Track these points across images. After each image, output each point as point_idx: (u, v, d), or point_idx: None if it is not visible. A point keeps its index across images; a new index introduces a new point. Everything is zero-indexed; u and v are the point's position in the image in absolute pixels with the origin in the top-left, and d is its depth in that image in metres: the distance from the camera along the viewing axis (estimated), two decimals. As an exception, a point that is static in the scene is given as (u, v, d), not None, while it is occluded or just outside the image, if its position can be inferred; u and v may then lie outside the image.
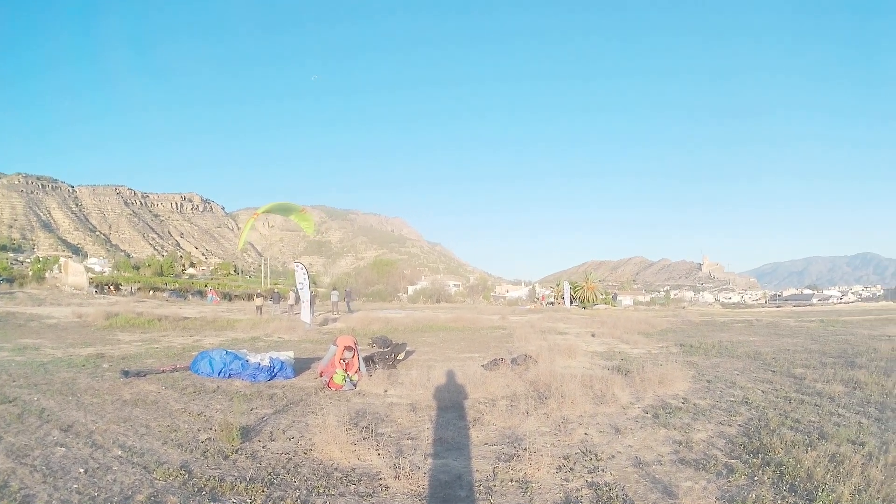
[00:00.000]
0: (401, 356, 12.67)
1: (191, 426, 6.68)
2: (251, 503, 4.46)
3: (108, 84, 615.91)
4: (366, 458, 5.50)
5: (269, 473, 5.10)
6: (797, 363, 12.12)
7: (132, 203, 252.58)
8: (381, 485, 4.87)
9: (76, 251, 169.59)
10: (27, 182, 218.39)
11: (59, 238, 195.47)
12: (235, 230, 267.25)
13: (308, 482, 4.91)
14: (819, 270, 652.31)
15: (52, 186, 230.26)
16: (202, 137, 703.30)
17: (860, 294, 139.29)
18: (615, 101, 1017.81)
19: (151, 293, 53.96)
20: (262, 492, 4.64)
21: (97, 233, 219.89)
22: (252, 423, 6.84)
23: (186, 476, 4.93)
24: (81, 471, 4.96)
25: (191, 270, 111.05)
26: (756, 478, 5.00)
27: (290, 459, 5.53)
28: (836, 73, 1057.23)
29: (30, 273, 50.50)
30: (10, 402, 7.59)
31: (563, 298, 58.68)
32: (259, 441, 6.15)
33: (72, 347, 13.96)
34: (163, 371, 10.34)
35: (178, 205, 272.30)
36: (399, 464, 5.24)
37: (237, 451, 5.71)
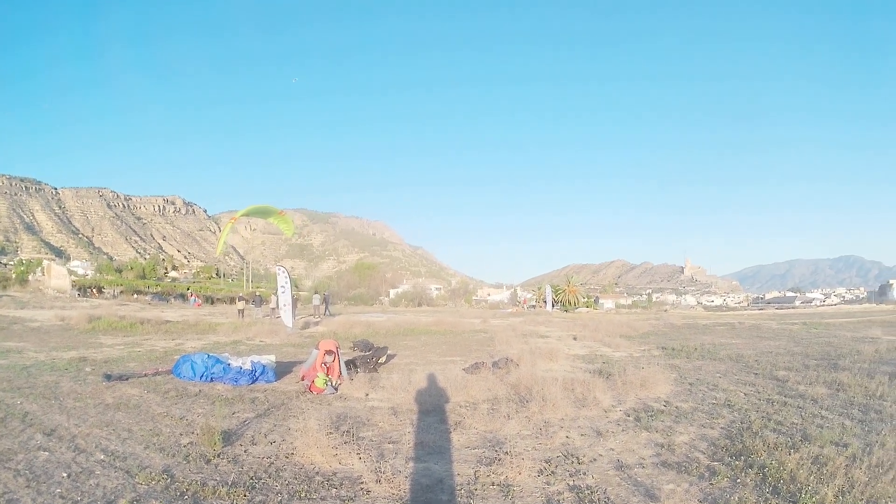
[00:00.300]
0: (382, 360, 12.59)
1: (173, 430, 6.63)
2: (233, 508, 4.41)
3: (92, 86, 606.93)
4: (347, 462, 5.47)
5: (251, 478, 5.07)
6: (780, 366, 12.19)
7: (115, 206, 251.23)
8: (363, 489, 4.84)
9: (59, 254, 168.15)
10: (10, 184, 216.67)
11: (43, 240, 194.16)
12: (217, 233, 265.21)
13: (290, 486, 4.89)
14: (802, 273, 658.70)
15: (36, 188, 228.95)
16: (185, 140, 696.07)
17: (843, 296, 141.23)
18: (596, 105, 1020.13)
19: (134, 296, 53.89)
20: (244, 496, 4.62)
21: (80, 235, 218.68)
22: (234, 427, 6.80)
23: (169, 480, 4.90)
24: (64, 475, 4.93)
25: (173, 273, 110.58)
26: (739, 480, 4.99)
27: (272, 464, 5.49)
28: (818, 76, 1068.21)
29: (13, 276, 50.32)
30: (-7, 406, 7.47)
31: (545, 302, 58.90)
32: (241, 445, 6.11)
33: (55, 351, 13.83)
34: (145, 375, 10.27)
35: (161, 207, 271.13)
36: (380, 468, 5.20)
37: (219, 456, 5.67)
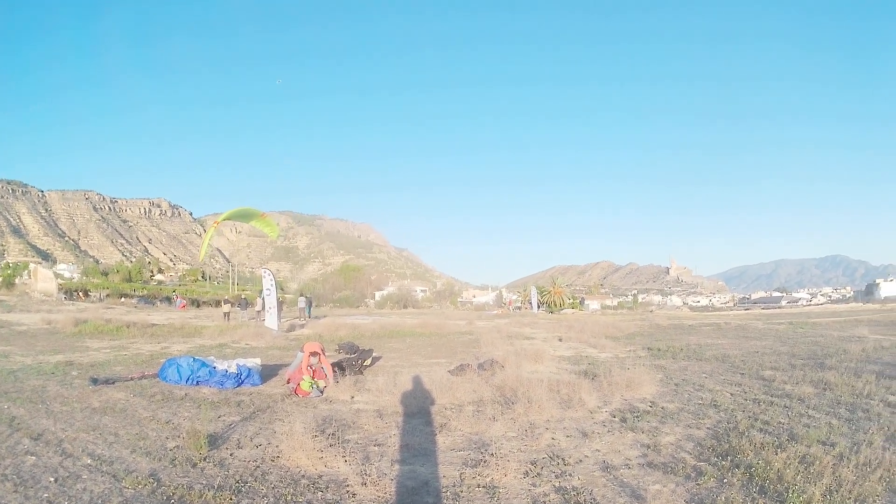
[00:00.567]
0: (368, 362, 12.55)
1: (159, 434, 6.62)
2: (220, 511, 4.42)
3: (79, 88, 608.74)
4: (333, 465, 5.45)
5: (237, 481, 5.05)
6: (766, 365, 12.22)
7: (101, 208, 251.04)
8: (349, 492, 4.83)
9: (45, 257, 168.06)
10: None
11: (29, 243, 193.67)
12: (203, 235, 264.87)
13: (276, 490, 4.87)
14: (788, 273, 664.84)
15: (22, 191, 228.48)
16: (171, 142, 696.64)
17: (830, 296, 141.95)
18: (581, 107, 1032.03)
19: (121, 299, 54.08)
20: (230, 500, 4.62)
21: (66, 238, 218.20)
22: (220, 431, 6.79)
23: (155, 484, 4.89)
24: (52, 479, 4.91)
25: (159, 277, 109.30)
26: (725, 480, 4.98)
27: (258, 467, 5.48)
28: (804, 76, 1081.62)
29: (0, 279, 49.59)
30: (-18, 411, 7.44)
31: (530, 303, 59.01)
32: (227, 449, 6.10)
33: (41, 354, 13.77)
34: (131, 378, 10.26)
35: (147, 210, 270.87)
36: (366, 470, 5.20)
37: (205, 459, 5.65)
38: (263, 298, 25.28)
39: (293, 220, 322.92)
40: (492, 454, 5.70)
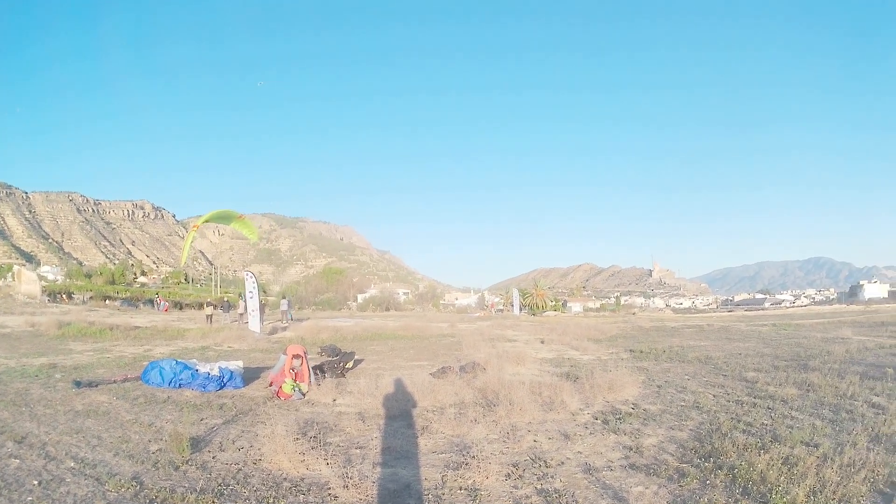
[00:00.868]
0: (349, 365, 12.57)
1: (142, 437, 6.61)
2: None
3: (62, 90, 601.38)
4: (314, 468, 5.47)
5: (220, 484, 5.06)
6: (749, 367, 12.26)
7: (84, 210, 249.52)
8: (330, 494, 4.84)
9: (29, 259, 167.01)
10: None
11: (13, 245, 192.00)
12: (185, 238, 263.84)
13: (258, 492, 4.88)
14: (771, 275, 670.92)
15: (7, 192, 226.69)
16: (154, 143, 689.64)
17: (813, 298, 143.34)
18: (563, 111, 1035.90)
19: (105, 302, 53.66)
20: (213, 502, 4.63)
21: (50, 240, 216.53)
22: (202, 434, 6.79)
23: (138, 488, 4.89)
24: (35, 483, 4.92)
25: (142, 279, 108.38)
26: (708, 482, 4.98)
27: (240, 470, 5.48)
28: (787, 81, 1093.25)
29: (-16, 282, 49.12)
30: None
31: (513, 306, 58.99)
32: (209, 451, 6.09)
33: (25, 357, 13.75)
34: (114, 381, 10.25)
35: (130, 212, 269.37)
36: (348, 473, 5.19)
37: (187, 462, 5.65)
38: (246, 301, 25.20)
39: (276, 223, 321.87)
40: (473, 457, 5.68)
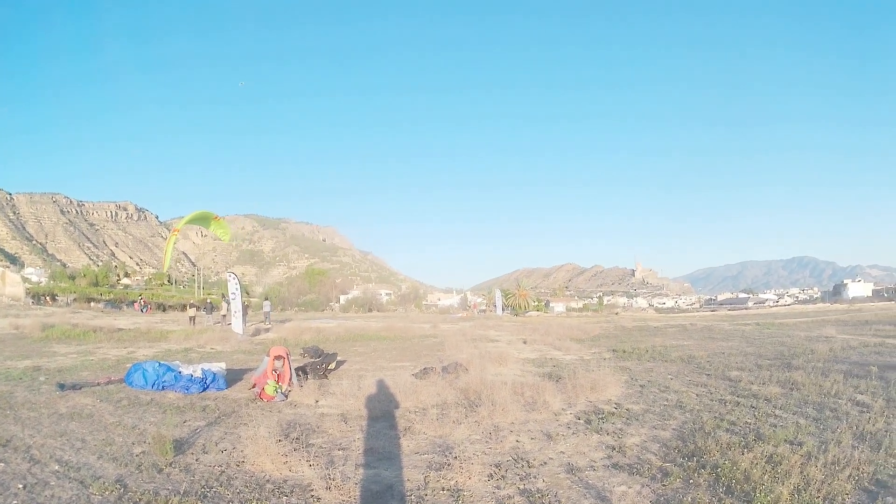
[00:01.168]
0: (332, 366, 12.55)
1: (125, 439, 6.59)
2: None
3: (44, 90, 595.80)
4: (297, 470, 5.47)
5: (203, 486, 5.06)
6: (732, 366, 12.29)
7: (68, 212, 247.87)
8: (313, 496, 4.84)
9: (13, 260, 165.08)
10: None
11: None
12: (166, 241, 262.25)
13: (241, 494, 4.88)
14: (754, 274, 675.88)
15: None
16: (136, 144, 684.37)
17: (797, 297, 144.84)
18: (545, 111, 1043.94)
19: (90, 304, 53.90)
20: None
21: (34, 242, 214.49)
22: (185, 436, 6.79)
23: (122, 490, 4.88)
24: (20, 486, 4.91)
25: (125, 281, 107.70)
26: (692, 481, 4.96)
27: (223, 472, 5.48)
28: (771, 80, 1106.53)
29: (-32, 284, 48.57)
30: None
31: (495, 306, 59.31)
32: (192, 454, 6.09)
33: (9, 360, 13.68)
34: (98, 384, 10.22)
35: (113, 213, 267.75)
36: (330, 475, 5.15)
37: (171, 465, 5.65)
38: (229, 302, 25.06)
39: (258, 224, 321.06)
40: (456, 457, 5.69)
